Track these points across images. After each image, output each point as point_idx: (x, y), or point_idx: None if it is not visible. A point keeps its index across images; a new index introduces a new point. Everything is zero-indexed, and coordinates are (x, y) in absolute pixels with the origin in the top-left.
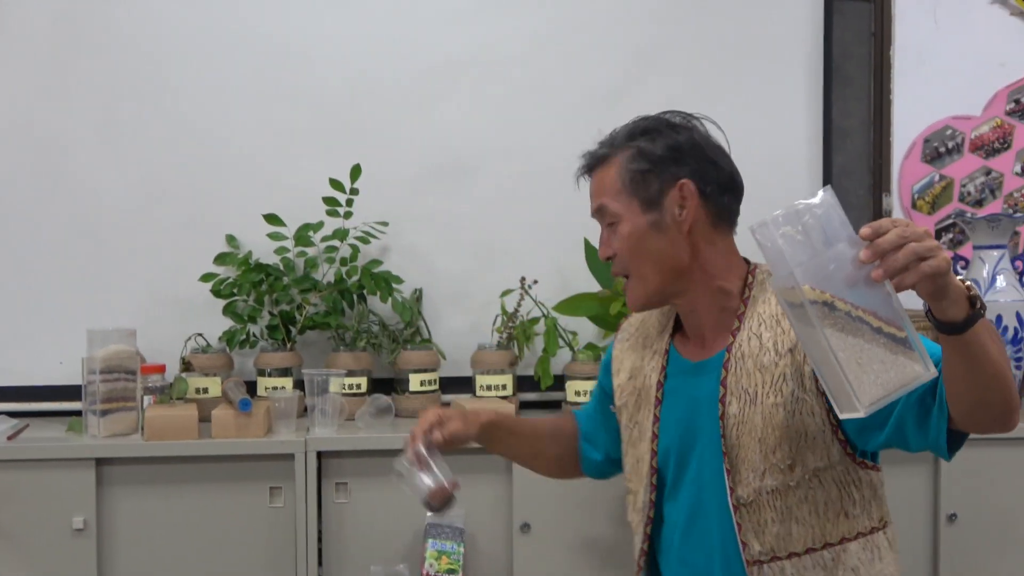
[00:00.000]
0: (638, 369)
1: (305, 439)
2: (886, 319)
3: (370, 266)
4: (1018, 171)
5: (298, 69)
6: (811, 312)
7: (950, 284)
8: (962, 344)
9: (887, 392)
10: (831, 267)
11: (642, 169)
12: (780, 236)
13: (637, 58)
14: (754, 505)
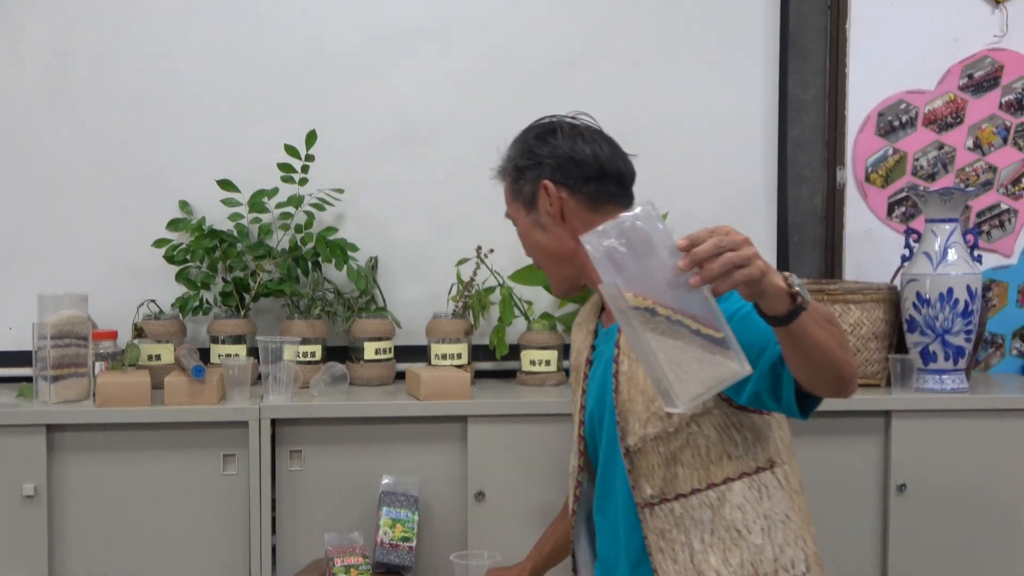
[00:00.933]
0: (578, 350)
1: (259, 406)
2: (704, 322)
3: (325, 233)
4: (970, 146)
5: (255, 33)
6: (633, 318)
7: (767, 287)
8: (788, 333)
9: (705, 388)
10: (652, 276)
11: (515, 178)
12: (604, 247)
13: (596, 27)
14: (642, 452)
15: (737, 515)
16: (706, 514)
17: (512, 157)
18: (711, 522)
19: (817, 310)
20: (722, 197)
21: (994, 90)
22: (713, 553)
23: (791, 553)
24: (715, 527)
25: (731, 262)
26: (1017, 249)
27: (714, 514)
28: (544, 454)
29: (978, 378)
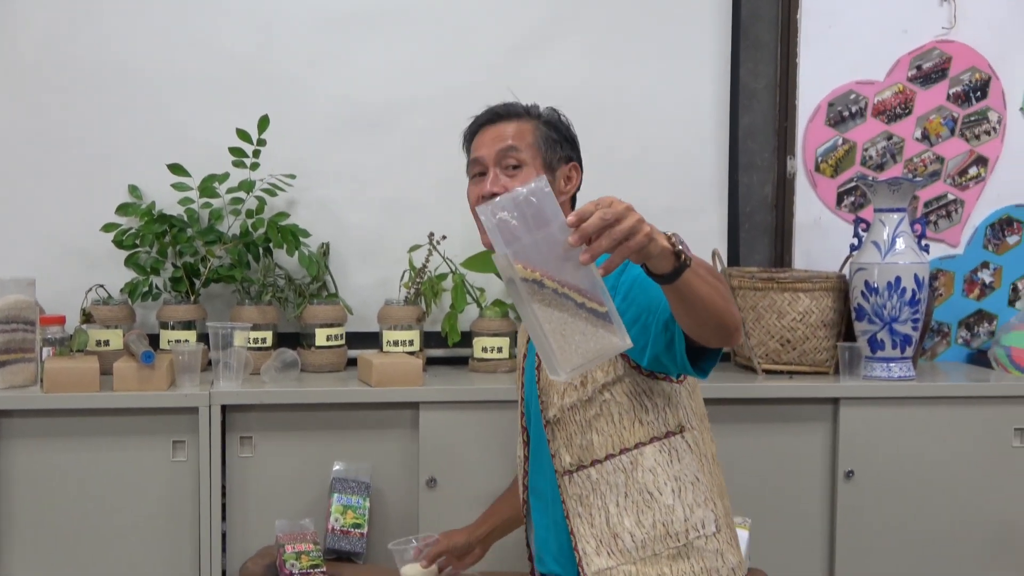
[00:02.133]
0: (520, 344)
1: (209, 392)
2: (590, 296)
3: (277, 219)
4: (918, 137)
5: (207, 16)
6: (521, 288)
7: (654, 250)
8: (675, 290)
9: (586, 360)
10: (541, 249)
11: (553, 137)
12: (497, 219)
13: (551, 14)
14: (561, 422)
15: (649, 477)
16: (620, 478)
17: (551, 118)
18: (625, 485)
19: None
20: (674, 184)
21: (942, 82)
22: (627, 515)
23: (700, 513)
24: (628, 490)
25: (618, 236)
26: (963, 239)
27: (627, 477)
28: (495, 441)
29: (925, 366)
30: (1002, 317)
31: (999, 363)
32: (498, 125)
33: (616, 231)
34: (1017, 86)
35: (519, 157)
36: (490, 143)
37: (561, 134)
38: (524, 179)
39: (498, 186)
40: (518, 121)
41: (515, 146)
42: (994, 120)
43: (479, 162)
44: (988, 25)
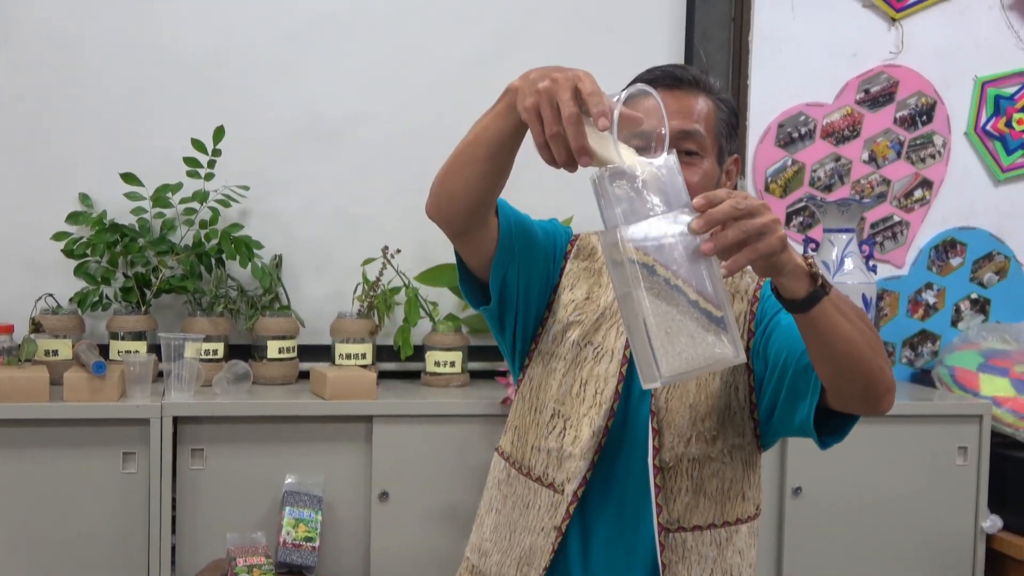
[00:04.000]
0: (598, 294)
1: (161, 404)
2: (705, 295)
3: (230, 230)
4: (865, 159)
5: (161, 24)
6: (630, 272)
7: (786, 263)
8: (809, 321)
9: (690, 367)
10: (660, 231)
11: (731, 125)
12: (614, 190)
13: (504, 30)
14: (673, 471)
15: (736, 560)
16: (712, 552)
17: (730, 101)
18: (713, 562)
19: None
20: None
21: (889, 105)
22: None
23: None
24: (715, 568)
25: (750, 229)
26: (908, 260)
27: (719, 555)
28: (448, 455)
29: None
30: (945, 337)
31: (942, 383)
32: (677, 94)
33: (748, 224)
34: (962, 111)
35: (701, 144)
36: (669, 115)
37: (736, 120)
38: (700, 172)
39: None
40: (699, 94)
41: (699, 130)
42: (939, 144)
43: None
44: (934, 51)
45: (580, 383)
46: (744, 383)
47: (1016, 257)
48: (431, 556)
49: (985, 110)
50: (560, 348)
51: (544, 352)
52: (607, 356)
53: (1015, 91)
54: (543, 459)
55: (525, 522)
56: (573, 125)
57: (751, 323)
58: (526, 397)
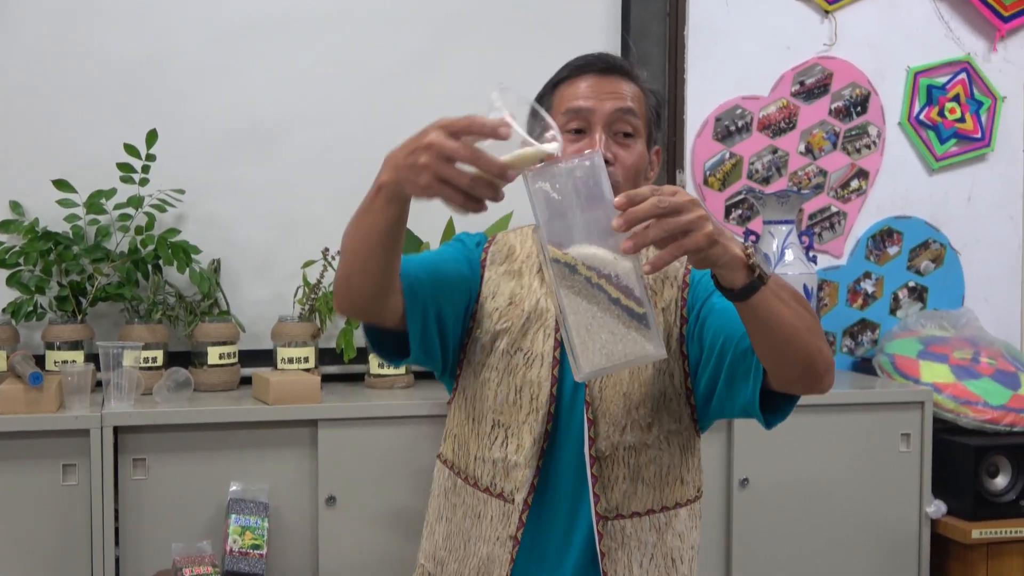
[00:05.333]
0: (520, 296)
1: (100, 414)
2: (626, 292)
3: (167, 235)
4: (802, 150)
5: (93, 27)
6: (550, 271)
7: (719, 256)
8: (748, 309)
9: (610, 363)
10: (580, 230)
11: (658, 113)
12: (535, 191)
13: (443, 28)
14: (609, 460)
15: (676, 543)
16: (651, 537)
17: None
18: (653, 547)
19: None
20: None
21: (824, 97)
22: None
23: None
24: (655, 553)
25: (672, 228)
26: (846, 250)
27: (658, 539)
28: (395, 457)
29: None
30: (884, 326)
31: (883, 371)
32: (610, 78)
33: (670, 223)
34: (895, 101)
35: (635, 125)
36: (601, 96)
37: (662, 112)
38: (635, 153)
39: (609, 153)
40: (630, 81)
41: (634, 110)
42: (874, 134)
43: (582, 115)
44: (867, 42)
45: (515, 391)
46: (679, 369)
47: (951, 245)
48: (380, 560)
49: (918, 100)
50: (491, 358)
51: (475, 363)
52: (537, 360)
53: (946, 81)
54: (489, 469)
55: (479, 532)
56: (478, 158)
57: (683, 309)
58: (463, 407)
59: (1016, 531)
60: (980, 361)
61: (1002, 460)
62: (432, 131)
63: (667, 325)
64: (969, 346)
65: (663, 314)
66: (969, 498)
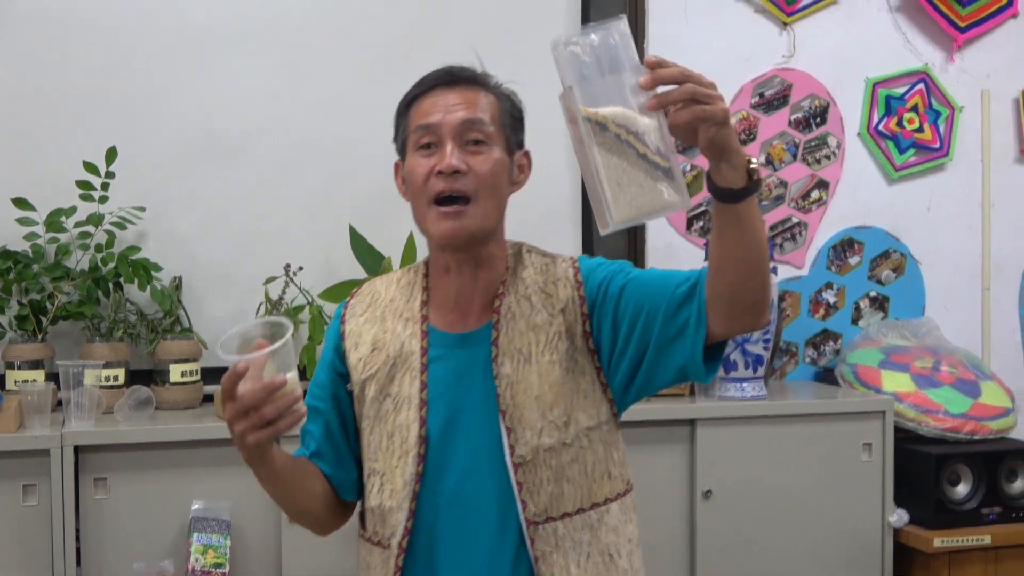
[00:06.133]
0: (384, 340)
1: (61, 433)
2: (653, 148)
3: (127, 253)
4: (762, 162)
5: (47, 42)
6: (583, 129)
7: (729, 143)
8: (735, 215)
9: (640, 213)
10: (611, 90)
11: (516, 116)
12: (568, 53)
13: (398, 40)
14: (531, 464)
15: (611, 538)
16: (585, 536)
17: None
18: (588, 545)
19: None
20: (529, 213)
21: (783, 108)
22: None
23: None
24: (591, 551)
25: (695, 92)
26: (808, 260)
27: (592, 536)
28: None
29: (775, 385)
30: (846, 336)
31: (845, 380)
32: (455, 90)
33: (694, 88)
34: (854, 112)
35: (485, 132)
36: (448, 109)
37: (520, 112)
38: (489, 159)
39: (463, 164)
40: (479, 89)
41: (481, 118)
42: (833, 145)
43: (432, 130)
44: (825, 54)
45: (387, 436)
46: (590, 365)
47: (912, 254)
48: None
49: (877, 111)
50: (364, 408)
51: (358, 416)
52: (405, 404)
53: (905, 91)
54: (372, 519)
55: None
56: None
57: (582, 306)
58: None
59: (977, 539)
60: (941, 370)
61: (963, 468)
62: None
63: (568, 324)
64: (930, 355)
65: (563, 314)
66: (930, 507)
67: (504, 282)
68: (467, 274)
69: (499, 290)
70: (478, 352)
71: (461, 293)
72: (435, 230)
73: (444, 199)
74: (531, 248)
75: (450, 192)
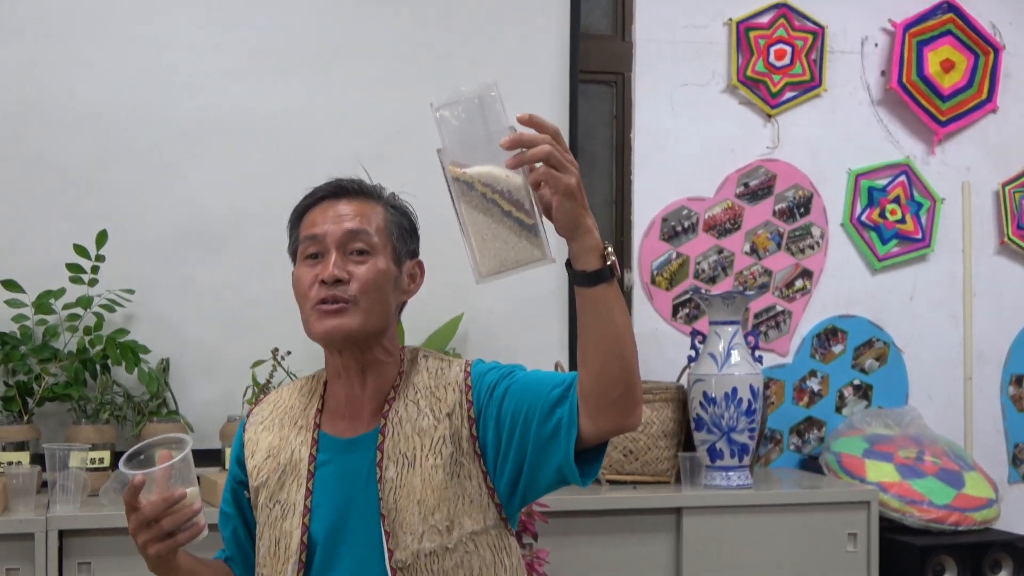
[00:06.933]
0: (278, 447)
1: (45, 517)
2: (517, 205)
3: (115, 335)
4: (747, 250)
5: (41, 127)
6: (451, 188)
7: (577, 219)
8: (592, 298)
9: (503, 267)
10: (481, 150)
11: (404, 226)
12: (439, 117)
13: (388, 131)
14: (412, 568)
15: None
16: None
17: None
18: None
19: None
20: (513, 296)
21: (768, 198)
22: None
23: None
24: None
25: (549, 154)
26: (792, 348)
27: None
28: None
29: (760, 473)
30: (830, 423)
31: (830, 469)
32: (343, 202)
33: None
34: (837, 203)
35: (369, 242)
36: (334, 220)
37: (411, 223)
38: (373, 268)
39: (344, 273)
40: (367, 201)
41: (365, 229)
42: (817, 235)
43: (317, 240)
44: (808, 145)
45: (274, 542)
46: (476, 469)
47: (895, 343)
48: None
49: (860, 201)
50: (258, 514)
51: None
52: (291, 510)
53: (887, 183)
54: None
55: None
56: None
57: (469, 410)
58: None
59: None
60: (924, 460)
61: (948, 560)
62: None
63: (455, 428)
64: (913, 444)
65: (448, 418)
66: None
67: (396, 386)
68: (355, 379)
69: (390, 395)
70: (364, 457)
71: (351, 398)
72: (315, 329)
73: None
74: (428, 354)
75: (331, 299)
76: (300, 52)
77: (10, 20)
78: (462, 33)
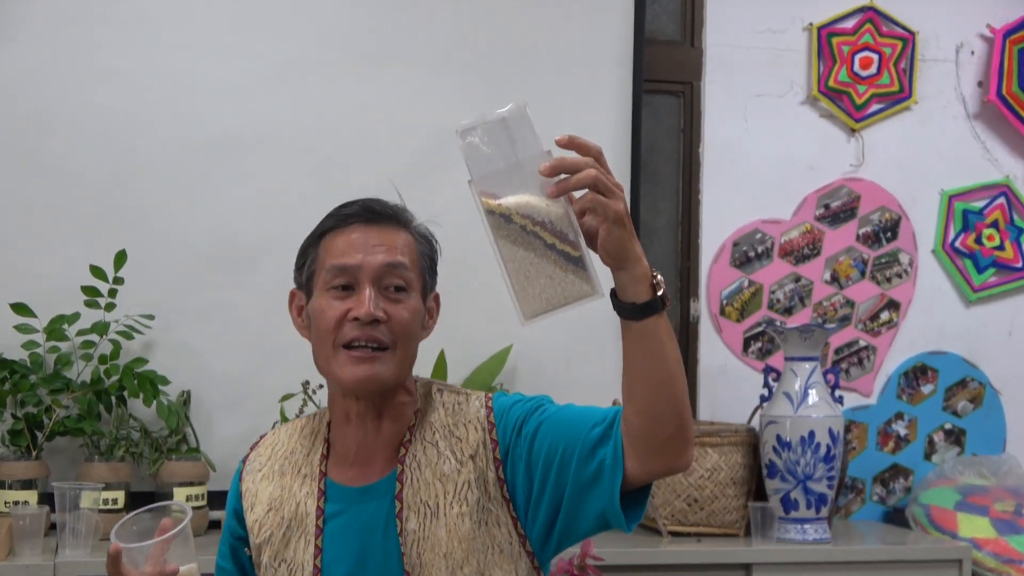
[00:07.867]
0: (280, 499)
1: (53, 563)
2: (560, 237)
3: (133, 365)
4: (827, 279)
5: (57, 143)
6: (486, 222)
7: (626, 248)
8: (641, 332)
9: (551, 306)
10: (515, 178)
11: (432, 259)
12: (466, 144)
13: (422, 151)
14: None
15: None
16: None
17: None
18: None
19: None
20: (570, 328)
21: (851, 221)
22: None
23: None
24: None
25: (595, 179)
26: (876, 388)
27: None
28: None
29: (839, 526)
30: (918, 472)
31: (918, 523)
32: (375, 228)
33: (596, 174)
34: (928, 227)
35: (406, 278)
36: (368, 250)
37: (435, 259)
38: (409, 309)
39: (381, 312)
40: (400, 229)
41: (403, 263)
42: (905, 262)
43: (349, 272)
44: (896, 163)
45: None
46: (505, 515)
47: (991, 383)
48: None
49: (953, 226)
50: (262, 574)
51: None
52: (298, 570)
53: (984, 205)
54: None
55: None
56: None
57: (495, 451)
58: None
59: None
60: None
61: None
62: None
63: (480, 472)
64: (1011, 497)
65: (472, 460)
66: None
67: (411, 427)
68: (370, 424)
69: (405, 437)
70: (380, 506)
71: (363, 445)
72: (346, 375)
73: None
74: (442, 387)
75: (366, 341)
76: (337, 60)
77: (27, 25)
78: (512, 37)
